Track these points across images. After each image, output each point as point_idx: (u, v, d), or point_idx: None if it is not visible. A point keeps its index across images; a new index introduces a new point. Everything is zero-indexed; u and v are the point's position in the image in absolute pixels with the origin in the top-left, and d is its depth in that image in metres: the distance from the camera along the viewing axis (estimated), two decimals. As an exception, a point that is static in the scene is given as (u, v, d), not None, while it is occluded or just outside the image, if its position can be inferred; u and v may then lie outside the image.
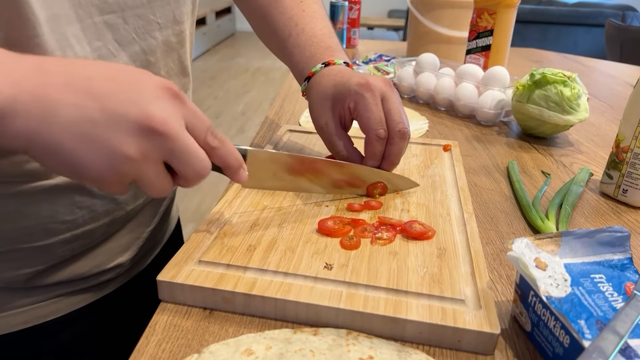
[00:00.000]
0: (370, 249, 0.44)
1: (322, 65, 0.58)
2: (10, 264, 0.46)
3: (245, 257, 0.42)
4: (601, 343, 0.31)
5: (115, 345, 0.49)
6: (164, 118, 0.33)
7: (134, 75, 0.34)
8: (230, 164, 0.40)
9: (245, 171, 0.42)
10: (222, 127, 3.38)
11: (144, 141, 0.32)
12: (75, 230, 0.48)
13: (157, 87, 0.34)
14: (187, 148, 0.34)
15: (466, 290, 0.39)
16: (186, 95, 0.36)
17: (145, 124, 0.32)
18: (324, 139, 0.57)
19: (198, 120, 0.36)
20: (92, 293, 0.55)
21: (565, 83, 0.75)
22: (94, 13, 0.42)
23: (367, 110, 0.51)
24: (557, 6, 3.58)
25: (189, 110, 0.36)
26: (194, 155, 0.35)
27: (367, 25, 4.73)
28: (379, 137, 0.51)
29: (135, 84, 0.33)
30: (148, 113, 0.32)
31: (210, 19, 5.75)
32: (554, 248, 0.40)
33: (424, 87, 0.96)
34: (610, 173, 0.62)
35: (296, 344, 0.35)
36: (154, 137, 0.33)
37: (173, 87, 0.35)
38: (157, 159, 0.34)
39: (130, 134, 0.32)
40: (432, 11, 1.30)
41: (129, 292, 0.60)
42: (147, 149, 0.33)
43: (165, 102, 0.34)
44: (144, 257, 0.62)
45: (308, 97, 0.59)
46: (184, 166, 0.35)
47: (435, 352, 0.36)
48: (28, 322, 0.50)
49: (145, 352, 0.35)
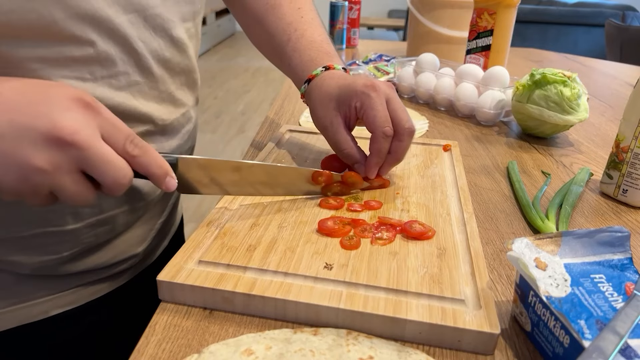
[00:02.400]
0: (370, 249, 0.44)
1: (323, 69, 0.59)
2: (39, 248, 0.48)
3: (245, 257, 0.42)
4: (601, 343, 0.31)
5: (124, 337, 0.50)
6: (73, 128, 0.33)
7: (46, 88, 0.35)
8: (153, 172, 0.39)
9: (174, 179, 0.41)
10: (222, 127, 3.38)
11: (54, 152, 0.33)
12: (100, 215, 0.50)
13: (68, 99, 0.34)
14: (102, 157, 0.35)
15: (466, 290, 0.39)
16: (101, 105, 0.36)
17: (53, 135, 0.32)
18: (327, 138, 0.57)
19: (115, 129, 0.36)
20: (107, 284, 0.56)
21: (565, 83, 0.75)
22: (120, 12, 0.43)
23: (374, 109, 0.52)
24: (557, 6, 3.58)
25: (104, 119, 0.36)
26: (111, 164, 0.35)
27: (367, 25, 4.72)
28: (386, 135, 0.52)
29: (45, 97, 0.34)
30: (56, 124, 0.33)
31: (210, 19, 5.75)
32: (554, 248, 0.40)
33: (424, 87, 0.96)
34: (610, 173, 0.62)
35: (296, 344, 0.35)
36: (64, 147, 0.33)
37: (86, 97, 0.35)
38: (70, 169, 0.34)
39: (38, 145, 0.32)
40: (432, 11, 1.30)
41: (140, 286, 0.61)
42: (57, 160, 0.33)
43: (75, 113, 0.34)
44: (155, 248, 0.65)
45: (309, 99, 0.60)
46: (102, 175, 0.35)
47: (435, 352, 0.36)
48: (48, 312, 0.51)
49: (145, 352, 0.35)
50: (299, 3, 0.66)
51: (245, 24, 0.69)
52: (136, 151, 0.37)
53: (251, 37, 0.70)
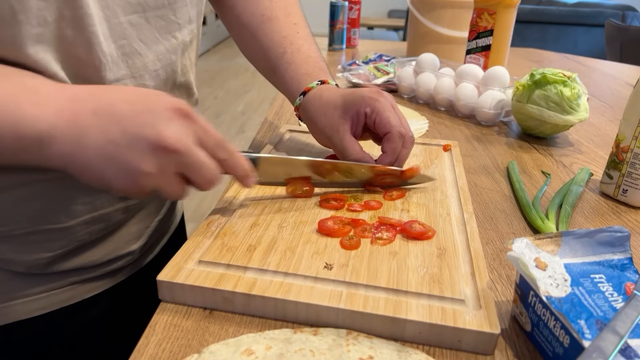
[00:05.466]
0: (370, 249, 0.44)
1: (319, 82, 0.60)
2: (32, 246, 0.48)
3: (245, 257, 0.42)
4: (601, 343, 0.31)
5: (123, 335, 0.50)
6: (176, 137, 0.37)
7: (149, 97, 0.39)
8: (237, 173, 0.44)
9: (253, 178, 0.46)
10: (222, 127, 3.38)
11: (160, 159, 0.37)
12: (94, 213, 0.51)
13: (169, 109, 0.38)
14: (198, 162, 0.39)
15: (466, 290, 0.39)
16: (196, 112, 0.40)
17: (159, 144, 0.37)
18: (333, 146, 0.58)
19: (207, 136, 0.40)
20: (104, 281, 0.57)
21: (565, 83, 0.75)
22: (119, 13, 0.45)
23: (387, 111, 0.55)
24: (557, 6, 3.58)
25: (199, 127, 0.40)
26: (205, 167, 0.40)
27: (367, 25, 4.72)
28: (402, 135, 0.54)
29: (150, 108, 0.38)
30: (162, 134, 0.37)
31: (210, 19, 5.74)
32: (554, 248, 0.40)
33: (424, 87, 0.96)
34: (610, 173, 0.62)
35: (296, 344, 0.35)
36: (168, 154, 0.37)
37: (183, 107, 0.39)
38: (172, 172, 0.39)
39: (147, 153, 0.37)
40: (432, 11, 1.30)
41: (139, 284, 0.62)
42: (162, 165, 0.38)
43: (176, 122, 0.38)
44: (152, 246, 0.65)
45: (305, 111, 0.60)
46: (196, 176, 0.40)
47: (435, 352, 0.36)
48: (45, 309, 0.52)
49: (145, 352, 0.35)
50: (295, 19, 0.67)
51: (239, 35, 0.69)
52: (225, 155, 0.42)
53: (244, 48, 0.70)
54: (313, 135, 0.61)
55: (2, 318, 0.50)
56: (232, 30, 0.70)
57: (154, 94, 0.40)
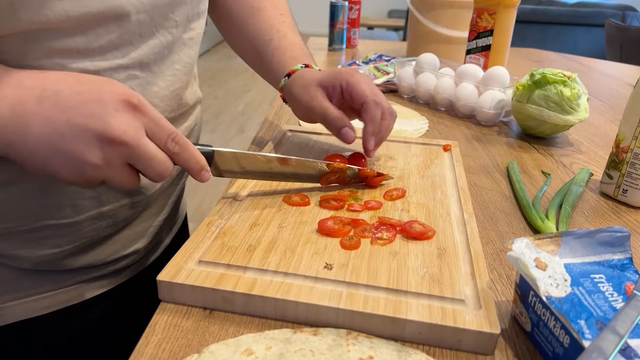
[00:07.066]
0: (370, 249, 0.44)
1: (303, 66, 0.64)
2: (39, 242, 0.48)
3: (245, 257, 0.42)
4: (601, 343, 0.31)
5: (124, 335, 0.50)
6: (123, 129, 0.37)
7: (99, 87, 0.38)
8: (190, 167, 0.44)
9: (208, 172, 0.45)
10: (222, 127, 3.38)
11: (106, 150, 0.37)
12: (100, 208, 0.51)
13: (118, 100, 0.38)
14: (147, 154, 0.39)
15: (466, 290, 0.39)
16: (147, 104, 0.40)
17: (105, 136, 0.36)
18: (314, 114, 0.60)
19: (158, 128, 0.40)
20: (108, 280, 0.57)
21: (565, 83, 0.75)
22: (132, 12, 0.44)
23: (361, 83, 0.57)
24: (557, 6, 3.58)
25: (149, 119, 0.39)
26: (154, 160, 0.39)
27: (367, 25, 4.72)
28: (377, 102, 0.56)
29: (98, 98, 0.37)
30: (108, 126, 0.36)
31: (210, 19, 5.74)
32: (554, 248, 0.40)
33: (424, 87, 0.96)
34: (610, 173, 0.62)
35: (296, 344, 0.35)
36: (114, 146, 0.37)
37: (133, 98, 0.38)
38: (120, 164, 0.38)
39: (93, 144, 0.36)
40: (432, 11, 1.30)
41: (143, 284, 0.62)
42: (108, 157, 0.37)
43: (125, 114, 0.38)
44: (156, 246, 0.65)
45: (289, 91, 0.63)
46: (145, 169, 0.40)
47: (435, 352, 0.36)
48: (50, 307, 0.52)
49: (145, 352, 0.35)
50: (282, 10, 0.71)
51: (228, 28, 0.72)
52: (177, 148, 0.41)
53: (233, 41, 0.73)
54: (296, 114, 0.64)
55: (5, 318, 0.50)
56: (221, 24, 0.73)
57: (105, 82, 0.39)
